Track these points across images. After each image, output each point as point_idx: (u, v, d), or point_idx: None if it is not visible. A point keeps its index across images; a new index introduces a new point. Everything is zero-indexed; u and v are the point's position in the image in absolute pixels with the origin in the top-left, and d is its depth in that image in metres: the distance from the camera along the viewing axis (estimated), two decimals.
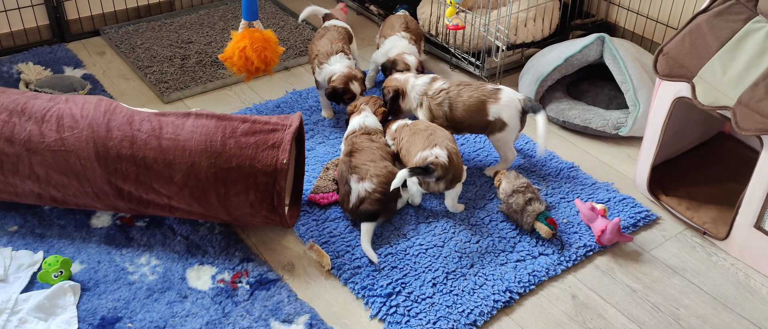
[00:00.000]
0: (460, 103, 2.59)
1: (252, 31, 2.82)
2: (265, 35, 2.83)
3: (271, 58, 2.84)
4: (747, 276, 2.31)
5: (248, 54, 2.78)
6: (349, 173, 2.40)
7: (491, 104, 2.55)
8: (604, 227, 2.35)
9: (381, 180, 2.36)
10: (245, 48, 2.78)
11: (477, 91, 2.59)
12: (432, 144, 2.37)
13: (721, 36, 2.29)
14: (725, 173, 2.71)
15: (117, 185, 2.25)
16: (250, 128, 2.25)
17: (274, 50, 2.85)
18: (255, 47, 2.77)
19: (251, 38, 2.79)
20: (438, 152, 2.35)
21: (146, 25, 3.68)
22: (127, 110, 2.32)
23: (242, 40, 2.79)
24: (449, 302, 2.16)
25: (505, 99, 2.56)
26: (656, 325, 2.13)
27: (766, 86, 2.16)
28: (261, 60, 2.80)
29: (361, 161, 2.42)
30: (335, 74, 2.81)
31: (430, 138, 2.40)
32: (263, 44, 2.80)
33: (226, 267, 2.26)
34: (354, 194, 2.37)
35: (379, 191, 2.34)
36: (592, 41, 2.98)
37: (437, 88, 2.63)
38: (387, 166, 2.42)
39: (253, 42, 2.78)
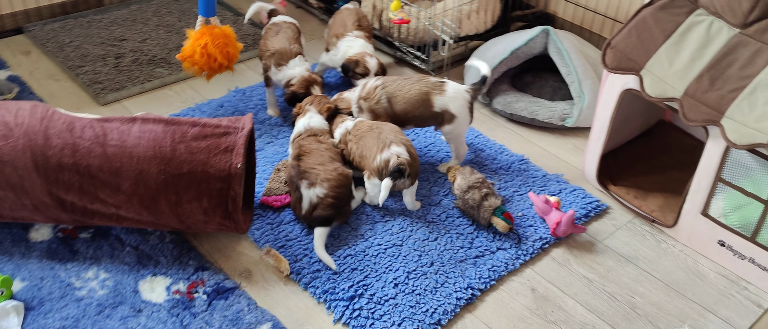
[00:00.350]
0: (400, 96, 2.56)
1: (210, 27, 2.70)
2: (225, 31, 2.72)
3: (233, 54, 2.75)
4: (695, 261, 2.38)
5: (210, 51, 2.67)
6: (298, 178, 2.34)
7: (436, 96, 2.54)
8: (559, 220, 2.38)
9: (332, 184, 2.31)
10: (207, 45, 2.66)
11: (419, 83, 2.57)
12: (387, 143, 2.34)
13: (666, 29, 2.35)
14: (668, 161, 2.80)
15: (59, 196, 2.13)
16: (201, 132, 2.17)
17: (235, 46, 2.75)
18: (217, 44, 2.67)
19: (212, 35, 2.67)
20: (397, 150, 2.32)
21: (74, 22, 3.50)
22: (66, 117, 2.19)
23: (202, 38, 2.67)
24: (412, 302, 2.14)
25: (452, 91, 2.55)
26: (614, 314, 2.17)
27: (710, 78, 2.23)
28: (224, 56, 2.70)
29: (310, 164, 2.36)
30: (294, 78, 2.74)
31: (381, 137, 2.37)
32: (224, 40, 2.69)
33: (181, 276, 2.17)
34: (306, 200, 2.31)
35: (332, 196, 2.30)
36: (537, 34, 3.01)
37: (370, 87, 2.59)
38: (337, 168, 2.37)
39: (213, 38, 2.67)
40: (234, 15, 3.67)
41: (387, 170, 2.31)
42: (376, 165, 2.33)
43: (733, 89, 2.18)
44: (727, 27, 2.28)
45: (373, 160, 2.35)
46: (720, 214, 2.32)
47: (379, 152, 2.33)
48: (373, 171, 2.36)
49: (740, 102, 2.15)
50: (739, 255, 2.30)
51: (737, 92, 2.16)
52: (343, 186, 2.33)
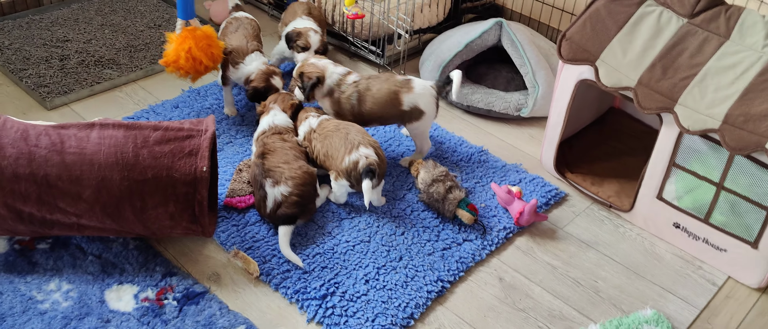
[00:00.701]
0: (368, 96, 2.57)
1: (192, 29, 2.62)
2: (206, 32, 2.65)
3: (217, 55, 2.68)
4: (652, 244, 2.47)
5: (195, 54, 2.59)
6: (263, 177, 2.32)
7: (405, 94, 2.56)
8: (522, 209, 2.43)
9: (297, 182, 2.30)
10: (191, 49, 2.58)
11: (387, 82, 2.58)
12: (355, 144, 2.34)
13: (618, 20, 2.42)
14: (621, 147, 2.89)
15: (15, 208, 2.05)
16: (164, 136, 2.12)
17: (217, 46, 2.68)
18: (200, 46, 2.60)
19: (195, 38, 2.60)
20: (365, 151, 2.33)
21: (12, 23, 3.36)
22: (19, 124, 2.11)
23: (186, 41, 2.59)
24: (384, 297, 2.16)
25: (420, 88, 2.57)
26: (579, 299, 2.24)
27: (662, 67, 2.31)
28: (209, 58, 2.63)
29: (275, 163, 2.34)
30: (253, 74, 2.70)
31: (348, 138, 2.37)
32: (207, 41, 2.62)
33: (149, 283, 2.13)
34: (270, 199, 2.30)
35: (296, 194, 2.29)
36: (490, 26, 3.05)
37: (350, 81, 2.60)
38: (302, 166, 2.36)
39: (197, 41, 2.59)
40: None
41: (356, 171, 2.31)
42: (345, 166, 2.33)
43: (684, 76, 2.26)
44: (676, 17, 2.36)
45: (341, 161, 2.34)
46: (673, 197, 2.41)
47: (347, 154, 2.33)
48: (341, 172, 2.35)
49: (692, 89, 2.23)
50: (694, 236, 2.39)
51: (688, 79, 2.25)
52: (308, 184, 2.32)
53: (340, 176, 2.36)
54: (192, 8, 2.62)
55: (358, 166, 2.31)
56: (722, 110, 2.16)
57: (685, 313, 2.22)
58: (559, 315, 2.18)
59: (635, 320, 2.14)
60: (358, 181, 2.33)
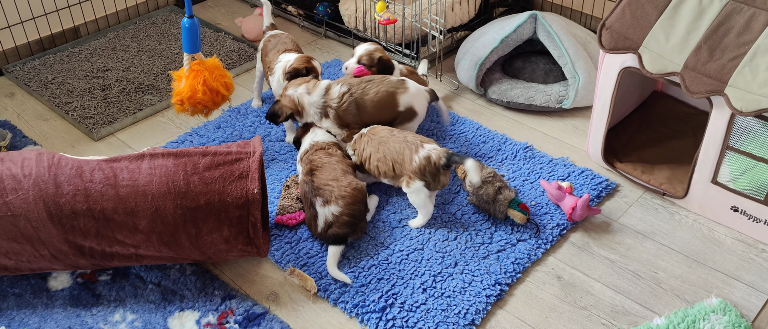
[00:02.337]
0: (368, 101, 2.56)
1: (200, 62, 2.61)
2: (215, 63, 2.65)
3: (230, 83, 2.69)
4: (710, 230, 2.42)
5: (212, 85, 2.59)
6: (313, 195, 2.32)
7: (401, 95, 2.57)
8: (575, 204, 2.40)
9: (347, 201, 2.29)
10: (206, 81, 2.59)
11: (383, 84, 2.59)
12: (417, 143, 2.36)
13: (658, 4, 2.37)
14: (667, 132, 2.83)
15: (76, 243, 2.09)
16: (212, 161, 2.14)
17: (227, 74, 2.70)
18: (214, 76, 2.61)
19: (207, 69, 2.60)
20: (431, 146, 2.36)
21: (53, 58, 3.42)
22: (73, 161, 2.15)
23: (199, 75, 2.58)
24: (443, 305, 2.15)
25: (414, 88, 2.60)
26: (641, 292, 2.21)
27: (708, 49, 2.25)
28: (225, 88, 2.65)
29: (324, 180, 2.34)
30: (290, 62, 2.70)
31: (408, 140, 2.38)
32: (219, 72, 2.64)
33: (209, 308, 2.15)
34: (321, 218, 2.29)
35: (347, 214, 2.28)
36: (525, 20, 3.02)
37: (337, 94, 2.56)
38: (351, 182, 2.35)
39: (211, 73, 2.60)
40: (214, 31, 3.63)
41: (431, 166, 2.31)
42: (417, 165, 2.32)
43: (733, 57, 2.21)
44: None
45: (410, 161, 2.33)
46: (728, 179, 2.36)
47: (414, 153, 2.33)
48: (414, 173, 2.33)
49: (742, 69, 2.18)
50: (754, 219, 2.34)
51: (738, 59, 2.20)
52: (359, 202, 2.31)
53: (412, 178, 2.34)
54: (198, 41, 2.59)
55: (431, 161, 2.31)
56: None
57: (752, 299, 2.17)
58: (622, 310, 2.15)
59: (701, 310, 2.09)
60: (434, 177, 2.33)
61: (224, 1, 3.99)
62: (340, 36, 3.54)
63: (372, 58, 2.72)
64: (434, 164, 2.31)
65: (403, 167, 2.35)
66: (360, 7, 3.38)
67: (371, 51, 2.74)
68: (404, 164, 2.35)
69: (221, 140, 2.86)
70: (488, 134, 2.86)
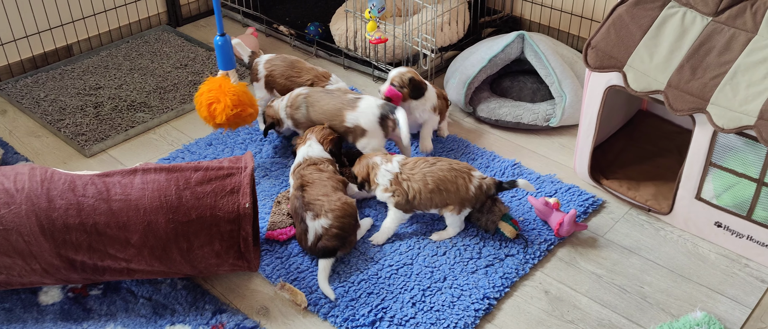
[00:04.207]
0: (317, 107, 2.70)
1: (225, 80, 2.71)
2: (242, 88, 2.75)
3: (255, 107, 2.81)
4: (695, 245, 2.46)
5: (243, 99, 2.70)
6: (303, 210, 2.35)
7: (348, 112, 2.64)
8: (561, 220, 2.43)
9: (337, 214, 2.32)
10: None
11: (336, 99, 2.69)
12: (468, 171, 2.41)
13: (642, 24, 2.42)
14: (653, 149, 2.88)
15: (68, 257, 2.10)
16: (204, 176, 2.17)
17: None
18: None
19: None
20: (478, 173, 2.44)
21: (46, 75, 3.45)
22: (66, 176, 2.17)
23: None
24: (433, 319, 2.17)
25: (364, 106, 2.66)
26: (627, 306, 2.24)
27: (690, 68, 2.31)
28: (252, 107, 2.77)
29: (314, 195, 2.37)
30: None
31: (455, 167, 2.41)
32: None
33: (200, 322, 2.16)
34: (311, 232, 2.32)
35: (337, 226, 2.31)
36: (513, 40, 3.07)
37: (294, 95, 2.78)
38: (341, 198, 2.38)
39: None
40: (207, 50, 3.67)
41: (482, 193, 2.39)
42: (473, 194, 2.38)
43: (714, 75, 2.26)
44: (700, 16, 2.37)
45: (466, 191, 2.38)
46: (712, 196, 2.40)
47: (468, 183, 2.38)
48: (466, 201, 2.39)
49: (723, 87, 2.23)
50: (737, 234, 2.38)
51: (719, 78, 2.25)
52: (349, 216, 2.34)
53: (464, 205, 2.39)
54: (232, 59, 2.71)
55: (483, 188, 2.38)
56: (756, 106, 2.16)
57: (736, 313, 2.21)
58: (609, 323, 2.18)
59: (686, 323, 2.13)
60: (484, 203, 2.41)
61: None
62: (331, 55, 3.59)
63: (402, 79, 2.78)
64: (485, 191, 2.40)
65: (454, 196, 2.39)
66: (351, 27, 3.44)
67: (402, 73, 2.80)
68: (457, 193, 2.39)
69: (213, 156, 2.88)
70: (477, 152, 2.90)
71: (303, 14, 3.95)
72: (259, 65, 2.95)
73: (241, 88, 2.70)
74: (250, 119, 2.73)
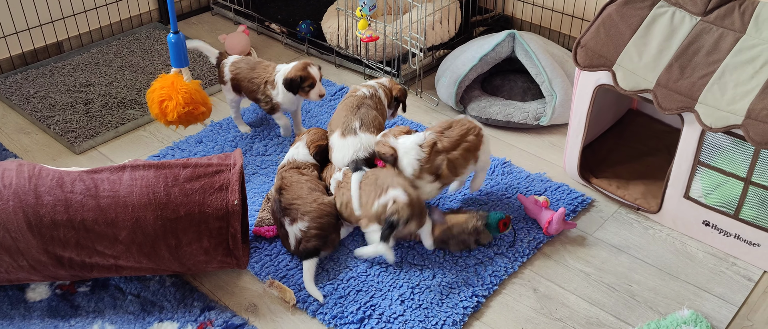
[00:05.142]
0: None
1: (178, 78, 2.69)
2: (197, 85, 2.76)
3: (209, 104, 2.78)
4: (683, 243, 2.47)
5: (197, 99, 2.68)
6: (281, 215, 2.35)
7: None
8: (550, 218, 2.44)
9: (313, 216, 2.31)
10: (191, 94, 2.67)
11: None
12: (384, 188, 2.24)
13: (631, 24, 2.43)
14: (642, 148, 2.89)
15: (56, 254, 2.10)
16: (193, 173, 2.17)
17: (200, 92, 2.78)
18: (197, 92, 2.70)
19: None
20: (394, 193, 2.21)
21: (36, 72, 3.43)
22: (54, 172, 2.16)
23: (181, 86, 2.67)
24: (421, 316, 2.17)
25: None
26: (615, 304, 2.24)
27: (679, 67, 2.32)
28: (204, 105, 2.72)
29: (290, 199, 2.35)
30: (289, 70, 2.76)
31: (378, 182, 2.28)
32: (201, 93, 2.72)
33: (188, 319, 2.16)
34: (291, 236, 2.32)
35: (315, 227, 2.30)
36: (503, 38, 3.08)
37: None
38: (317, 199, 2.36)
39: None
40: None
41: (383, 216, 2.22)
42: (374, 211, 2.24)
43: (702, 75, 2.27)
44: (689, 16, 2.38)
45: (370, 207, 2.25)
46: (700, 195, 2.41)
47: (377, 198, 2.24)
48: (371, 218, 2.26)
49: (711, 87, 2.24)
50: (725, 233, 2.39)
51: (707, 77, 2.26)
52: (326, 215, 2.33)
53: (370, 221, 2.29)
54: (185, 56, 2.72)
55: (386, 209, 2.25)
56: (744, 106, 2.17)
57: (723, 311, 2.22)
58: (597, 321, 2.18)
59: (673, 321, 2.13)
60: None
61: (208, 18, 4.02)
62: (323, 53, 3.58)
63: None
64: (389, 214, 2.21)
65: (364, 214, 2.30)
66: (342, 25, 3.43)
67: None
68: (367, 210, 2.28)
69: (203, 154, 2.88)
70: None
71: (295, 12, 3.95)
72: (225, 67, 2.93)
73: (194, 86, 2.69)
74: (201, 117, 2.70)
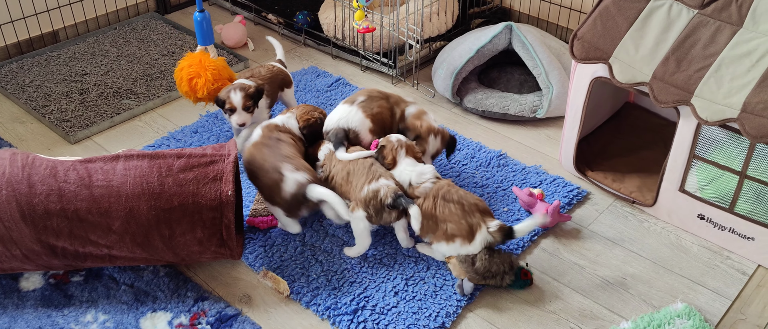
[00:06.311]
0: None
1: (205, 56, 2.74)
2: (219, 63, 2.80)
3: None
4: (678, 237, 2.47)
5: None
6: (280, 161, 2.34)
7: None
8: (545, 211, 2.44)
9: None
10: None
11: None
12: (376, 175, 2.26)
13: (628, 16, 2.42)
14: (638, 142, 2.89)
15: (49, 243, 2.09)
16: (187, 163, 2.16)
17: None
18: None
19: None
20: (385, 182, 2.24)
21: (31, 61, 3.42)
22: (48, 161, 2.16)
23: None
24: (415, 308, 2.17)
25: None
26: (609, 297, 2.24)
27: (676, 60, 2.31)
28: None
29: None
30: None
31: (371, 169, 2.29)
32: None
33: (181, 309, 2.16)
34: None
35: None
36: (500, 31, 3.07)
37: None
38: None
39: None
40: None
41: (377, 202, 2.22)
42: (364, 195, 2.24)
43: (699, 68, 2.26)
44: (686, 9, 2.37)
45: (358, 189, 2.26)
46: (696, 188, 2.41)
47: (367, 183, 2.25)
48: (359, 202, 2.26)
49: (707, 80, 2.23)
50: (720, 227, 2.39)
51: (703, 70, 2.25)
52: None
53: (357, 205, 2.29)
54: (211, 34, 2.74)
55: (377, 196, 2.26)
56: (740, 99, 2.16)
57: (716, 305, 2.22)
58: (590, 314, 2.18)
59: (666, 315, 2.13)
60: (377, 212, 2.28)
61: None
62: (319, 44, 3.57)
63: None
64: (380, 201, 2.22)
65: (349, 193, 2.31)
66: (339, 16, 3.42)
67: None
68: (352, 188, 2.29)
69: (198, 144, 2.87)
70: (463, 142, 2.90)
71: (291, 3, 3.93)
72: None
73: (221, 62, 2.72)
74: None
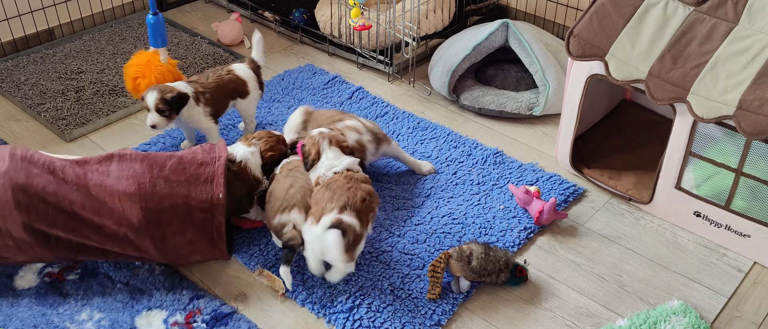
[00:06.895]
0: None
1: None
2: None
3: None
4: (674, 234, 2.47)
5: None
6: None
7: None
8: (542, 208, 2.43)
9: None
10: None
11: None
12: (290, 205, 2.20)
13: (625, 13, 2.42)
14: (635, 139, 2.88)
15: (42, 232, 2.09)
16: (179, 165, 2.16)
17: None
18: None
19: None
20: (295, 217, 2.18)
21: (27, 59, 3.41)
22: (45, 157, 2.16)
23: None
24: (411, 306, 2.17)
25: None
26: (605, 295, 2.24)
27: (672, 57, 2.31)
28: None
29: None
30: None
31: (289, 193, 2.23)
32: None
33: (177, 307, 2.15)
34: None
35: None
36: (497, 28, 3.06)
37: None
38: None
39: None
40: (190, 35, 3.64)
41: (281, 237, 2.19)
42: (275, 224, 2.21)
43: (695, 65, 2.26)
44: (682, 6, 2.36)
45: (273, 216, 2.22)
46: (692, 186, 2.41)
47: (279, 212, 2.21)
48: (270, 227, 2.26)
49: (703, 77, 2.23)
50: (716, 224, 2.39)
51: (699, 68, 2.25)
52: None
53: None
54: (164, 36, 2.77)
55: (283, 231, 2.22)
56: (736, 96, 2.16)
57: (712, 302, 2.22)
58: (586, 312, 2.18)
59: (662, 312, 2.13)
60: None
61: (200, 5, 4.00)
62: (316, 42, 3.57)
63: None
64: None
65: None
66: (335, 13, 3.41)
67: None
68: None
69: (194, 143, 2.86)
70: (459, 140, 2.89)
71: (288, 0, 3.92)
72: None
73: (169, 67, 2.76)
74: None
